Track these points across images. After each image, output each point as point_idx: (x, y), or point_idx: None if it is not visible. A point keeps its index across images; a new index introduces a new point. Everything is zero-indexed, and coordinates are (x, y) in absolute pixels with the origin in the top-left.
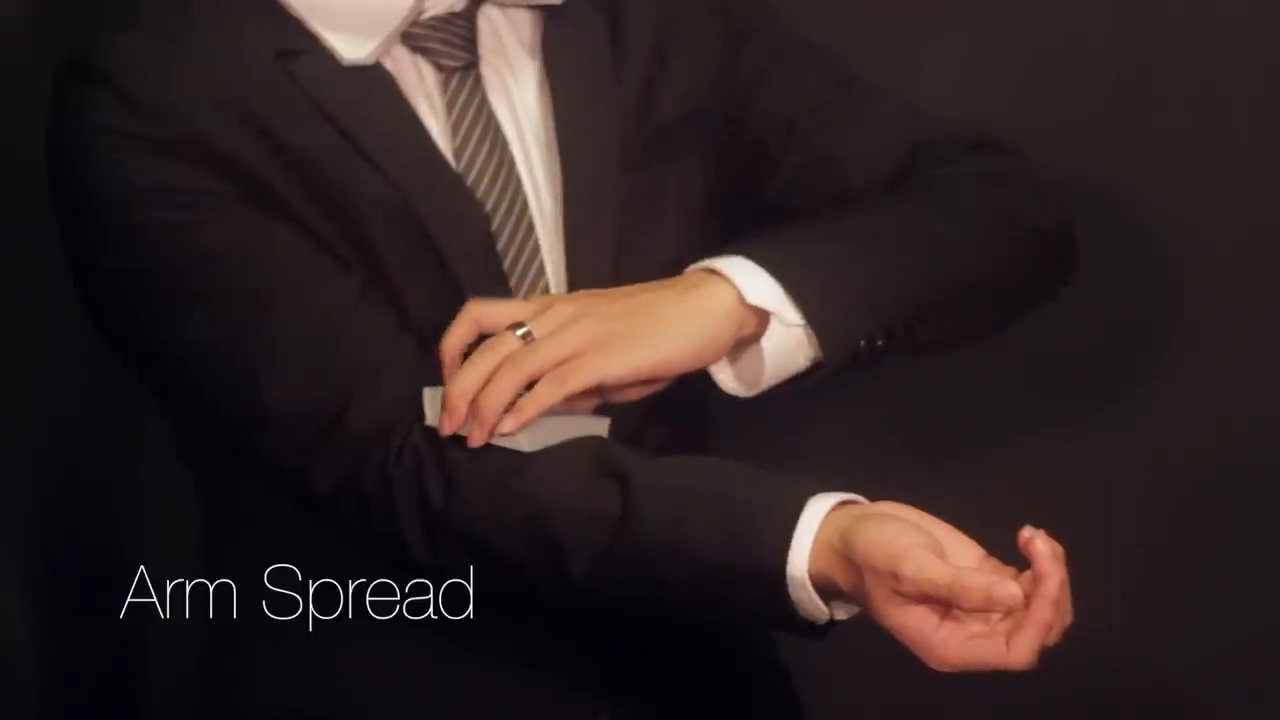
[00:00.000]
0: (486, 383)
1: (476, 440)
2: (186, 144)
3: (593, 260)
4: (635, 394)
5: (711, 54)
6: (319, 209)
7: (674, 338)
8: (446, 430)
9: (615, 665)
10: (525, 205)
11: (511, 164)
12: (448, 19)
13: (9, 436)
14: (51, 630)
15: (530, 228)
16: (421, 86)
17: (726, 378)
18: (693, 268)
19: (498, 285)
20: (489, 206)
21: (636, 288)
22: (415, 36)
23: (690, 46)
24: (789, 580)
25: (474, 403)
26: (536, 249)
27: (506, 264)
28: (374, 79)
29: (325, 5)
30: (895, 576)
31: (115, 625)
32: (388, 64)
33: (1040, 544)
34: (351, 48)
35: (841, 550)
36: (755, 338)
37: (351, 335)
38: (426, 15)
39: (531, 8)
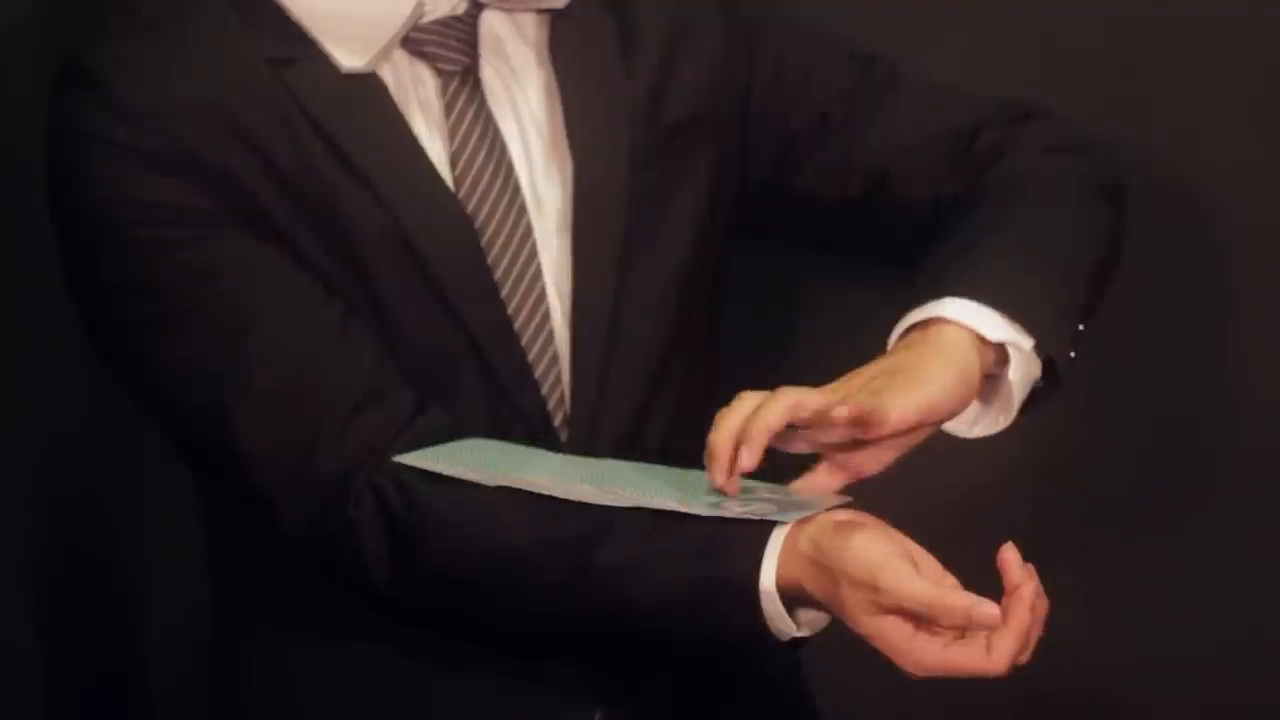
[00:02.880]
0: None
1: (719, 478)
2: (179, 157)
3: (599, 261)
4: (892, 454)
5: (719, 52)
6: (307, 224)
7: (938, 378)
8: (717, 479)
9: (613, 667)
10: (523, 210)
11: (510, 168)
12: (448, 22)
13: (9, 439)
14: (52, 632)
15: (527, 232)
16: (419, 92)
17: (979, 428)
18: (911, 322)
19: (489, 299)
20: (484, 213)
21: (881, 360)
22: (415, 41)
23: (700, 46)
24: (761, 593)
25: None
26: (533, 254)
27: (499, 273)
28: (368, 89)
29: (325, 11)
30: (874, 588)
31: (115, 626)
32: (385, 71)
33: (1009, 554)
34: (350, 56)
35: (815, 557)
36: (989, 376)
37: (325, 373)
38: (427, 19)
39: (537, 11)
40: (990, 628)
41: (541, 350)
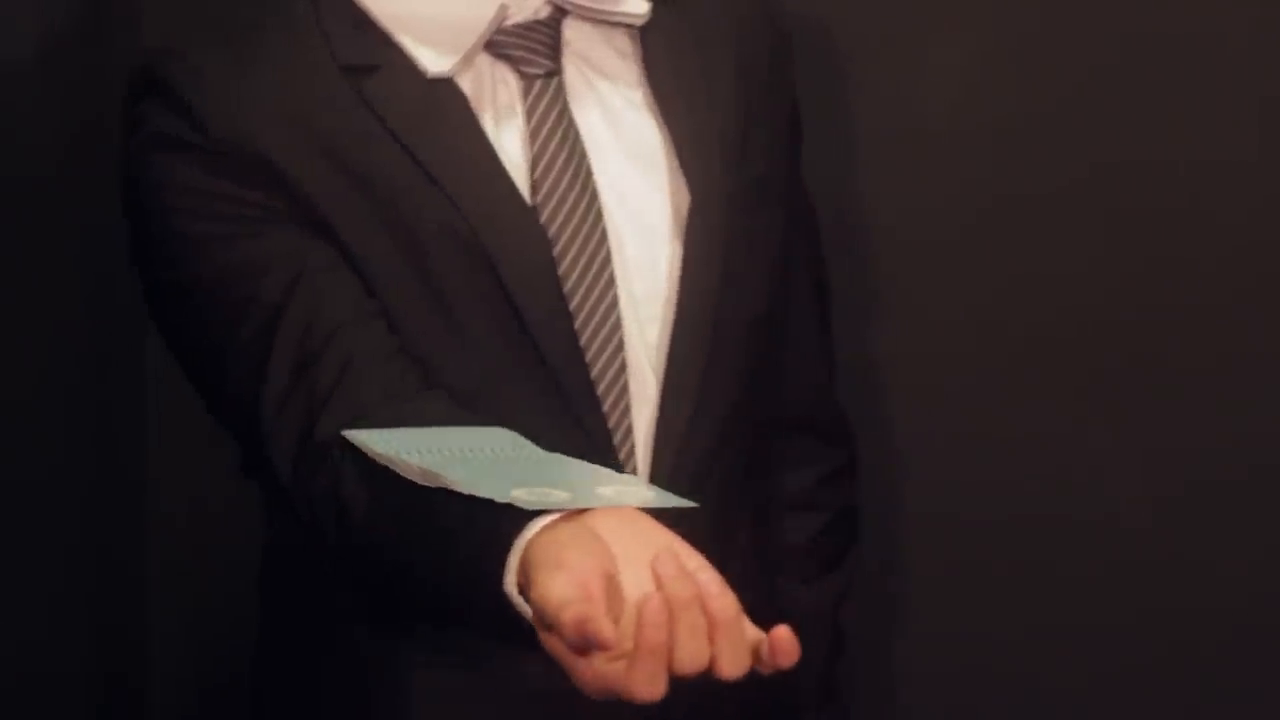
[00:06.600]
0: None
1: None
2: (246, 159)
3: (703, 292)
4: None
5: (785, 124)
6: (378, 227)
7: None
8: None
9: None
10: (599, 217)
11: (589, 173)
12: (531, 26)
13: (8, 439)
14: (50, 632)
15: (602, 239)
16: (500, 96)
17: None
18: None
19: (558, 309)
20: (560, 220)
21: None
22: (498, 44)
23: (769, 106)
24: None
25: None
26: (607, 261)
27: (570, 285)
28: (446, 97)
29: (412, 16)
30: (536, 600)
31: (114, 628)
32: (465, 78)
33: (664, 564)
34: (436, 60)
35: (528, 568)
36: None
37: (338, 351)
38: (510, 22)
39: (614, 24)
40: (603, 647)
41: (607, 364)
